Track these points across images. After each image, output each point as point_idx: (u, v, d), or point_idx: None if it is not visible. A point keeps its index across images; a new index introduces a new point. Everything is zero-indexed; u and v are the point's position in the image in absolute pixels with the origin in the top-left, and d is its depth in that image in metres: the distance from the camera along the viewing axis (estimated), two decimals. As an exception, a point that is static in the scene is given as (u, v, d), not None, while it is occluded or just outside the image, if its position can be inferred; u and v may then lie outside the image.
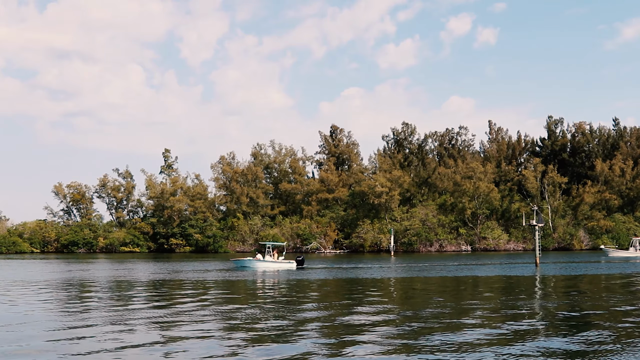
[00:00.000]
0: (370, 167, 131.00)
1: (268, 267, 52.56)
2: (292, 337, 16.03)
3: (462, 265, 56.17)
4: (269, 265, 53.05)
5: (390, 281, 37.50)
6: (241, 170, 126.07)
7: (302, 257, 54.76)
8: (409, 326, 17.78)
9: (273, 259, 54.16)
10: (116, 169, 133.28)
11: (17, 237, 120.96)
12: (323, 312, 21.28)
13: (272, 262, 53.59)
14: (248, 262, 54.21)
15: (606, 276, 39.93)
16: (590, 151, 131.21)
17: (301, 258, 53.87)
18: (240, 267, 53.30)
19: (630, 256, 76.29)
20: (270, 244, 56.43)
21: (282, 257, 55.33)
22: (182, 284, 35.82)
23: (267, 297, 27.65)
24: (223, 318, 19.91)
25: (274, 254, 55.13)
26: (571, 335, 15.95)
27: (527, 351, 13.90)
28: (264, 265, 53.15)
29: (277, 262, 53.70)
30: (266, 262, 53.51)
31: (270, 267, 52.55)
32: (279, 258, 54.86)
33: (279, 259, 54.68)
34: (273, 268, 52.17)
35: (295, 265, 52.73)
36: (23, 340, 15.79)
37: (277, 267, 52.51)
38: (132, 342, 15.53)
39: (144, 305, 23.85)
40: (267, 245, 55.97)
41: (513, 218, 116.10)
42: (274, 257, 54.57)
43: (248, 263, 54.02)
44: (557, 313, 20.84)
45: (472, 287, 32.78)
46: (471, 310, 21.57)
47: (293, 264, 52.91)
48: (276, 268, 52.17)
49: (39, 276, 43.36)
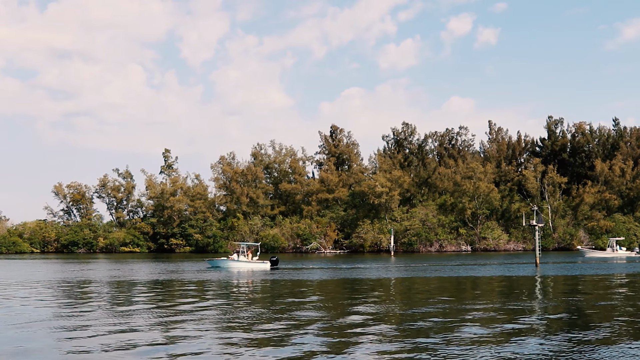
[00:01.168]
0: (370, 167, 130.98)
1: (242, 268, 52.63)
2: (293, 337, 16.04)
3: (462, 266, 56.18)
4: (243, 266, 53.20)
5: (390, 281, 37.49)
6: (241, 170, 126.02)
7: (276, 257, 55.04)
8: (409, 326, 17.78)
9: (247, 259, 54.33)
10: (116, 169, 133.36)
11: (17, 237, 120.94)
12: (323, 313, 21.28)
13: (246, 263, 53.75)
14: (222, 262, 54.39)
15: (606, 276, 39.92)
16: (590, 151, 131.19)
17: (275, 258, 54.10)
18: (215, 268, 53.28)
19: (607, 257, 75.86)
20: (244, 245, 56.68)
21: (256, 258, 55.58)
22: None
23: (267, 298, 27.64)
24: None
25: (248, 254, 55.32)
26: (570, 336, 15.95)
27: (527, 351, 13.90)
28: (238, 266, 53.32)
29: (251, 263, 53.89)
30: (240, 263, 53.69)
31: (244, 268, 52.61)
32: (253, 258, 55.10)
33: (253, 259, 54.93)
34: (247, 268, 52.26)
35: (269, 265, 52.86)
36: (24, 341, 15.80)
37: (251, 268, 52.59)
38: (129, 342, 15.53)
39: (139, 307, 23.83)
40: (242, 246, 56.17)
41: (513, 218, 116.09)
42: (248, 258, 54.78)
43: (222, 263, 54.19)
44: (557, 313, 20.84)
45: (472, 287, 32.78)
46: (471, 310, 21.56)
47: (267, 264, 53.09)
48: (250, 268, 52.25)
49: (39, 276, 43.37)
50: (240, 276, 43.26)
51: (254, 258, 55.19)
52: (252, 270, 49.92)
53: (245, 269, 51.46)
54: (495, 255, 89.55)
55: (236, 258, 54.38)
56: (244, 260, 54.07)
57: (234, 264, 53.49)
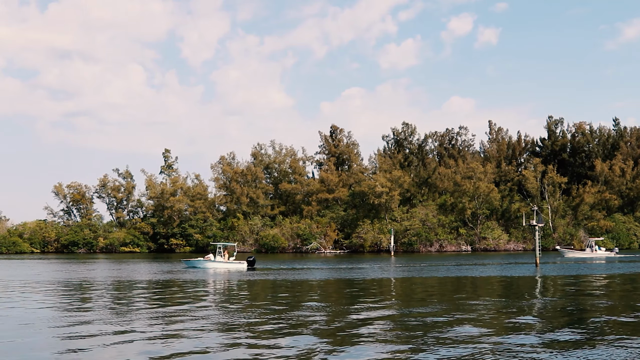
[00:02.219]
0: (370, 167, 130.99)
1: (218, 268, 52.60)
2: (295, 336, 16.05)
3: (462, 266, 56.17)
4: (220, 266, 53.20)
5: (390, 281, 37.49)
6: (241, 170, 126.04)
7: (253, 257, 54.97)
8: (408, 326, 17.78)
9: (224, 260, 54.35)
10: (116, 169, 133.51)
11: (17, 237, 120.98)
12: (321, 313, 21.28)
13: (223, 263, 53.74)
14: (199, 262, 54.37)
15: (606, 276, 39.92)
16: (590, 151, 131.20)
17: (252, 258, 54.01)
18: (191, 268, 53.20)
19: (586, 257, 75.38)
20: (221, 245, 56.64)
21: (232, 258, 55.60)
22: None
23: (267, 298, 27.64)
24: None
25: (225, 254, 55.33)
26: (569, 336, 15.96)
27: (527, 351, 13.90)
28: (214, 266, 53.31)
29: (228, 263, 53.88)
30: (217, 263, 53.69)
31: (220, 268, 52.58)
32: (230, 259, 55.12)
33: (230, 259, 54.96)
34: (224, 268, 52.23)
35: (245, 265, 52.85)
36: (24, 342, 15.80)
37: (228, 268, 52.55)
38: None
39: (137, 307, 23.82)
40: (218, 246, 56.19)
41: (513, 218, 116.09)
42: (225, 258, 54.82)
43: (198, 263, 54.15)
44: (557, 313, 20.84)
45: (472, 287, 32.76)
46: (471, 310, 21.56)
47: (244, 264, 53.07)
48: (227, 268, 52.22)
49: (39, 276, 43.38)
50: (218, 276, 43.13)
51: (231, 258, 55.31)
52: (229, 271, 49.74)
53: (221, 269, 51.41)
54: (495, 255, 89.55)
55: (213, 258, 54.47)
56: (221, 260, 54.15)
57: (210, 264, 53.54)
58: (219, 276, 43.16)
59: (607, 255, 77.01)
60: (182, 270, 49.88)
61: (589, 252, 79.42)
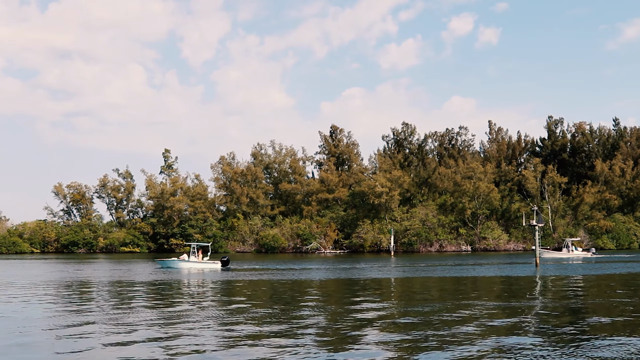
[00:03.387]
0: (370, 167, 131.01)
1: (193, 268, 52.62)
2: (296, 336, 16.05)
3: (462, 266, 56.18)
4: (194, 266, 53.26)
5: (390, 281, 37.49)
6: (241, 170, 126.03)
7: (227, 257, 55.03)
8: (408, 327, 17.78)
9: (198, 260, 54.41)
10: (116, 169, 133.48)
11: (17, 237, 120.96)
12: (322, 313, 21.28)
13: (197, 263, 53.82)
14: (173, 262, 54.43)
15: (606, 276, 39.92)
16: (590, 151, 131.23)
17: (226, 259, 54.06)
18: (165, 268, 53.22)
19: (563, 257, 75.01)
20: (195, 244, 56.73)
21: (206, 258, 55.73)
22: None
23: (267, 298, 27.62)
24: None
25: (199, 254, 55.39)
26: (569, 336, 15.96)
27: (527, 351, 13.91)
28: (188, 266, 53.35)
29: (202, 263, 53.97)
30: (191, 263, 53.75)
31: (195, 268, 52.61)
32: (204, 258, 55.23)
33: (204, 259, 55.06)
34: (198, 268, 52.26)
35: (220, 265, 52.93)
36: (23, 340, 15.80)
37: (202, 268, 52.61)
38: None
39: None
40: (192, 246, 56.25)
41: (513, 218, 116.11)
42: (199, 258, 54.88)
43: (172, 263, 54.19)
44: (556, 313, 20.84)
45: (472, 287, 32.76)
46: (470, 310, 21.56)
47: (218, 264, 53.15)
48: (201, 268, 52.27)
49: (39, 277, 43.40)
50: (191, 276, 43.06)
51: (205, 258, 55.45)
52: (203, 271, 49.69)
53: (195, 269, 51.42)
54: (495, 255, 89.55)
55: (187, 258, 54.54)
56: (195, 260, 54.22)
57: (184, 264, 53.59)
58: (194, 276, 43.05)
59: (584, 256, 76.52)
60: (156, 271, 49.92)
61: (565, 253, 79.07)
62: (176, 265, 53.59)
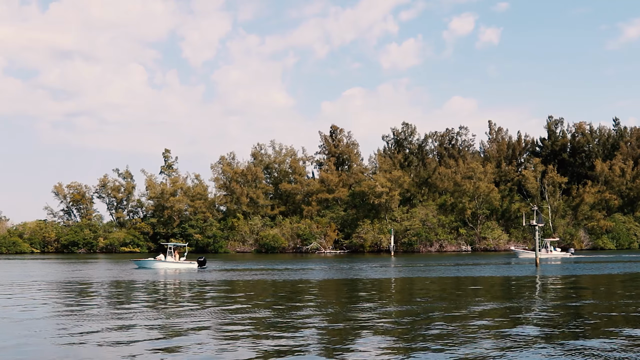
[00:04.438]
0: (371, 167, 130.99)
1: (169, 268, 52.84)
2: (295, 337, 16.04)
3: (462, 266, 56.18)
4: (170, 266, 53.51)
5: (391, 281, 37.49)
6: (241, 170, 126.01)
7: (204, 257, 55.44)
8: (408, 327, 17.78)
9: (174, 260, 54.55)
10: (116, 169, 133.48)
11: (17, 238, 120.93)
12: (322, 312, 21.28)
13: (173, 263, 54.02)
14: (149, 262, 54.59)
15: (606, 276, 39.92)
16: (590, 151, 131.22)
17: (202, 259, 54.43)
18: (141, 268, 53.34)
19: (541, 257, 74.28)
20: (171, 245, 57.02)
21: (183, 258, 55.95)
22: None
23: (268, 298, 27.61)
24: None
25: (175, 254, 55.59)
26: (568, 336, 15.96)
27: (527, 350, 13.91)
28: (165, 266, 53.58)
29: (178, 263, 54.15)
30: (167, 263, 54.00)
31: (171, 268, 52.81)
32: (180, 259, 55.39)
33: (180, 259, 55.24)
34: (174, 268, 52.41)
35: (196, 266, 53.16)
36: (23, 340, 15.81)
37: (178, 268, 52.77)
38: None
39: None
40: (169, 246, 56.39)
41: (513, 218, 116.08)
42: (175, 258, 55.07)
43: (149, 264, 54.33)
44: (556, 313, 20.84)
45: (471, 287, 32.74)
46: (470, 310, 21.56)
47: (194, 264, 53.42)
48: (177, 268, 52.41)
49: (38, 277, 43.41)
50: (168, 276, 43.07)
51: (181, 258, 55.65)
52: (179, 271, 49.74)
53: (172, 269, 51.57)
54: (495, 255, 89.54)
55: (163, 258, 54.72)
56: (171, 260, 54.43)
57: (160, 265, 53.81)
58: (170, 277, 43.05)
59: (562, 256, 76.27)
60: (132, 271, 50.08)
61: (544, 253, 78.72)
62: (152, 266, 53.81)
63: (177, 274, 46.20)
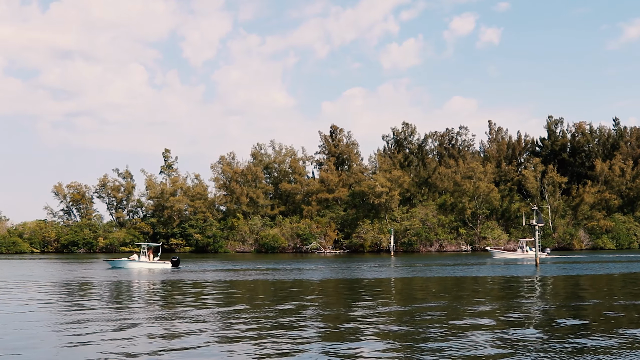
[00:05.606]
0: (370, 167, 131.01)
1: (143, 268, 52.93)
2: (293, 338, 16.04)
3: (462, 266, 56.17)
4: (144, 266, 53.64)
5: (390, 282, 37.49)
6: (241, 170, 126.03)
7: (177, 257, 55.63)
8: (408, 327, 17.77)
9: (148, 260, 54.60)
10: (116, 169, 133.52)
11: (17, 237, 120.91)
12: (322, 312, 21.28)
13: (147, 263, 54.15)
14: (122, 262, 54.70)
15: (606, 276, 39.93)
16: (590, 151, 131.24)
17: (176, 259, 54.61)
18: (115, 268, 53.37)
19: (517, 258, 74.35)
20: (145, 245, 57.07)
21: (157, 258, 56.06)
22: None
23: (268, 298, 27.58)
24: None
25: (149, 254, 55.60)
26: (569, 336, 15.96)
27: (526, 350, 13.90)
28: (138, 266, 53.67)
29: (152, 263, 54.28)
30: (141, 263, 54.11)
31: (145, 268, 52.89)
32: (154, 259, 55.46)
33: (154, 259, 55.32)
34: (148, 268, 52.48)
35: (170, 266, 53.28)
36: (22, 340, 15.82)
37: (152, 268, 52.86)
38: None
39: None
40: (142, 246, 56.53)
41: (513, 218, 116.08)
42: (149, 258, 55.10)
43: (123, 264, 54.41)
44: (555, 313, 20.84)
45: (471, 287, 32.74)
46: (470, 310, 21.56)
47: (168, 264, 53.56)
48: (151, 268, 52.49)
49: (38, 277, 43.41)
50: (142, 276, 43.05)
51: (155, 258, 55.72)
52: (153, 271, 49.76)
53: (145, 269, 51.63)
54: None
55: (137, 258, 54.80)
56: (145, 260, 54.52)
57: (134, 265, 53.89)
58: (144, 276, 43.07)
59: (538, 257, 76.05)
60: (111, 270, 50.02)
61: (519, 253, 78.52)
62: (126, 266, 53.87)
63: (150, 274, 46.05)
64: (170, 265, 53.43)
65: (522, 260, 69.45)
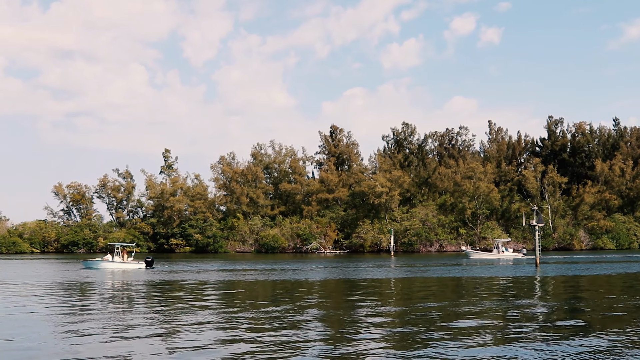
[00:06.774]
0: (370, 167, 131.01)
1: (116, 268, 52.96)
2: (292, 338, 16.04)
3: (461, 266, 56.14)
4: (117, 266, 53.66)
5: (390, 282, 37.48)
6: (241, 170, 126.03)
7: (151, 258, 55.69)
8: (408, 327, 17.77)
9: (122, 260, 54.72)
10: (116, 169, 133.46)
11: (17, 237, 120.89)
12: (320, 312, 21.28)
13: (120, 263, 54.22)
14: (96, 262, 54.73)
15: (606, 276, 39.92)
16: (590, 151, 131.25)
17: (150, 259, 54.67)
18: (88, 268, 53.34)
19: (493, 258, 74.06)
20: (119, 245, 57.20)
21: (130, 258, 56.13)
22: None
23: (269, 299, 27.57)
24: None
25: (123, 254, 55.66)
26: (568, 336, 15.95)
27: (526, 350, 13.90)
28: (112, 266, 53.70)
29: (126, 263, 54.36)
30: (115, 263, 54.15)
31: (118, 268, 52.94)
32: (128, 259, 55.56)
33: (128, 259, 55.41)
34: (121, 269, 52.52)
35: (144, 266, 53.34)
36: (22, 340, 15.83)
37: (125, 268, 52.92)
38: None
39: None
40: (116, 246, 56.64)
41: (513, 218, 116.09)
42: (123, 258, 55.19)
43: (96, 264, 54.42)
44: (555, 313, 20.84)
45: (471, 287, 32.74)
46: (470, 310, 21.55)
47: (142, 264, 53.61)
48: (124, 269, 52.53)
49: (37, 277, 43.41)
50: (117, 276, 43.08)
51: (129, 259, 55.80)
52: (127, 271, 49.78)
53: (119, 270, 51.65)
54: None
55: (110, 259, 54.85)
56: (118, 260, 54.62)
57: (108, 265, 53.93)
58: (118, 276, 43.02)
59: (514, 257, 75.71)
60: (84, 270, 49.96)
61: (495, 254, 78.29)
62: (99, 266, 53.89)
63: (123, 274, 45.90)
64: (144, 266, 53.38)
65: (497, 260, 68.95)
